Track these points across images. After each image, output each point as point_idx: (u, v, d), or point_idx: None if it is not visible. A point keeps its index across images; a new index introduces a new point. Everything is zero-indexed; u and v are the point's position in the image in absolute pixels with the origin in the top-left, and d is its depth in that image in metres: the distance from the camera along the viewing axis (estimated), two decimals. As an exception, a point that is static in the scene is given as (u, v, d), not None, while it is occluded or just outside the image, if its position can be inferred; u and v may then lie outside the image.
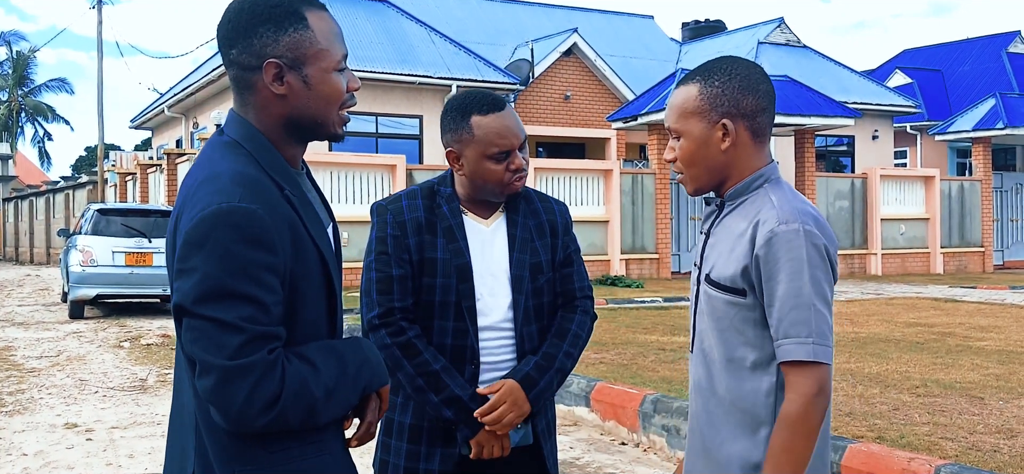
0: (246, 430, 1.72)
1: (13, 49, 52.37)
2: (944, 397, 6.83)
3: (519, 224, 2.65)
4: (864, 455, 4.92)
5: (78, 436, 6.78)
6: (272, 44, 1.81)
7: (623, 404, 6.53)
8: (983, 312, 13.42)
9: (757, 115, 2.14)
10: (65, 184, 38.20)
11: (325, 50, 1.85)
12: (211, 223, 1.69)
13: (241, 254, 1.69)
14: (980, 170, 25.04)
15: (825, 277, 2.01)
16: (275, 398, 1.70)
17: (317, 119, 1.87)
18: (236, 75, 1.85)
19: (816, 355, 1.98)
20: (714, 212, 2.22)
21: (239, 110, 1.88)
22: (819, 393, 1.98)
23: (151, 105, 31.17)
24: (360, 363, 1.90)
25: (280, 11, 1.81)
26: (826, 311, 2.01)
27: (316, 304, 1.87)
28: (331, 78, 1.86)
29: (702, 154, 2.15)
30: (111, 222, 15.13)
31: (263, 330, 1.70)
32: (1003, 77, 34.07)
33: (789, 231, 2.00)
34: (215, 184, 1.75)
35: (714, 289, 2.13)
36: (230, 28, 1.83)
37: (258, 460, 1.78)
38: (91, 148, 71.94)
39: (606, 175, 20.45)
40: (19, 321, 14.72)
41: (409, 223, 2.58)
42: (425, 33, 24.58)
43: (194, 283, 1.69)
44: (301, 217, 1.84)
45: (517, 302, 2.59)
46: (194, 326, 1.70)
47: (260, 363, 1.68)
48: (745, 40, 29.90)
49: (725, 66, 2.16)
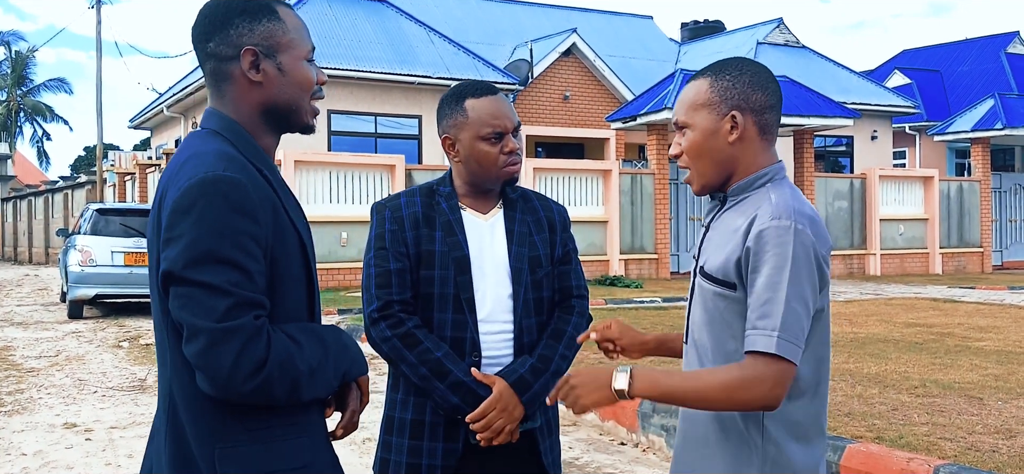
0: (232, 396, 1.75)
1: (12, 49, 52.37)
2: (943, 397, 6.84)
3: (517, 219, 2.68)
4: (863, 455, 4.93)
5: (77, 436, 6.78)
6: (248, 34, 1.92)
7: (622, 404, 6.52)
8: (982, 312, 13.43)
9: (765, 111, 2.16)
10: (64, 184, 38.20)
11: (296, 40, 1.98)
12: (198, 191, 1.77)
13: (227, 220, 1.76)
14: (979, 170, 25.06)
15: (808, 278, 1.99)
16: (261, 363, 1.74)
17: (291, 105, 1.98)
18: (214, 68, 1.95)
19: (779, 349, 1.95)
20: (716, 206, 2.24)
21: (216, 104, 1.96)
22: (766, 382, 1.95)
23: (150, 105, 31.14)
24: (340, 347, 1.97)
25: (253, 5, 1.95)
26: (802, 311, 1.98)
27: (296, 287, 1.93)
28: (303, 66, 1.98)
29: (709, 146, 2.16)
30: (110, 222, 15.13)
31: (250, 296, 1.76)
32: (1002, 77, 34.10)
33: (780, 227, 2.00)
34: (200, 160, 1.83)
35: (707, 281, 2.14)
36: (207, 24, 1.94)
37: (238, 439, 1.81)
38: (90, 148, 71.91)
39: (605, 175, 20.45)
40: (18, 321, 14.71)
41: (407, 218, 2.61)
42: (424, 33, 24.59)
43: (182, 249, 1.75)
44: (281, 199, 1.92)
45: (517, 294, 2.60)
46: (182, 292, 1.75)
47: (247, 327, 1.74)
48: (744, 40, 29.92)
49: (735, 63, 2.20)
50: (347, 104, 22.17)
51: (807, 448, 2.10)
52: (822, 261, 2.03)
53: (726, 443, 2.12)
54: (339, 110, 22.08)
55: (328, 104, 21.72)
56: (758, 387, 1.96)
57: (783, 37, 29.88)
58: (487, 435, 2.53)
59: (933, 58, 38.65)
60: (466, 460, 2.58)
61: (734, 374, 1.99)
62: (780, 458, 2.07)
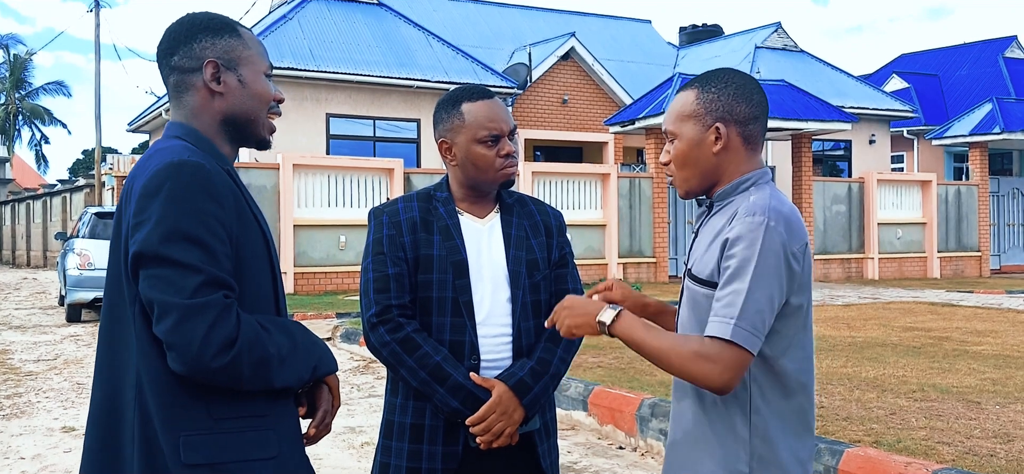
0: (202, 373, 1.78)
1: (10, 52, 52.34)
2: (941, 401, 6.84)
3: (514, 223, 2.70)
4: (861, 459, 4.93)
5: (76, 440, 6.77)
6: (210, 47, 2.04)
7: (621, 408, 6.54)
8: (980, 317, 13.44)
9: (749, 122, 2.24)
10: (62, 187, 38.16)
11: (255, 55, 2.10)
12: (165, 175, 1.85)
13: (194, 201, 1.83)
14: (977, 175, 25.09)
15: (775, 272, 2.06)
16: (231, 340, 1.79)
17: (250, 116, 2.08)
18: (177, 80, 2.06)
19: (734, 335, 2.02)
20: (704, 212, 2.32)
21: (177, 115, 2.06)
22: (719, 364, 2.02)
23: (148, 108, 31.10)
24: (309, 341, 2.03)
25: (216, 23, 2.08)
26: (765, 304, 2.04)
27: (261, 277, 1.99)
28: (262, 80, 2.10)
29: (694, 155, 2.24)
30: (108, 225, 15.13)
31: (218, 274, 1.81)
32: (1000, 82, 34.14)
33: (752, 223, 2.08)
34: (164, 151, 1.93)
35: (694, 283, 2.22)
36: (172, 39, 2.06)
37: (204, 426, 1.84)
38: (88, 151, 71.89)
39: (603, 179, 20.47)
40: (16, 324, 14.70)
41: (405, 223, 2.63)
42: (423, 37, 24.60)
43: (150, 229, 1.81)
44: (243, 194, 2.00)
45: (515, 297, 2.62)
46: (152, 273, 1.80)
47: (217, 304, 1.79)
48: (742, 44, 29.94)
49: (722, 75, 2.27)
50: (345, 108, 22.17)
51: (796, 443, 2.17)
52: (792, 258, 2.09)
53: (715, 440, 2.17)
54: (337, 114, 22.08)
55: (327, 108, 21.73)
56: (711, 366, 2.03)
57: (781, 41, 29.90)
58: (487, 438, 2.54)
59: (931, 62, 38.68)
60: (466, 463, 2.59)
61: (694, 347, 2.06)
62: (768, 454, 2.13)
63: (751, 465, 2.13)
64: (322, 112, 21.68)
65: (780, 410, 2.15)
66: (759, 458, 2.13)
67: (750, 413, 2.14)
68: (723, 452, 2.15)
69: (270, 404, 1.91)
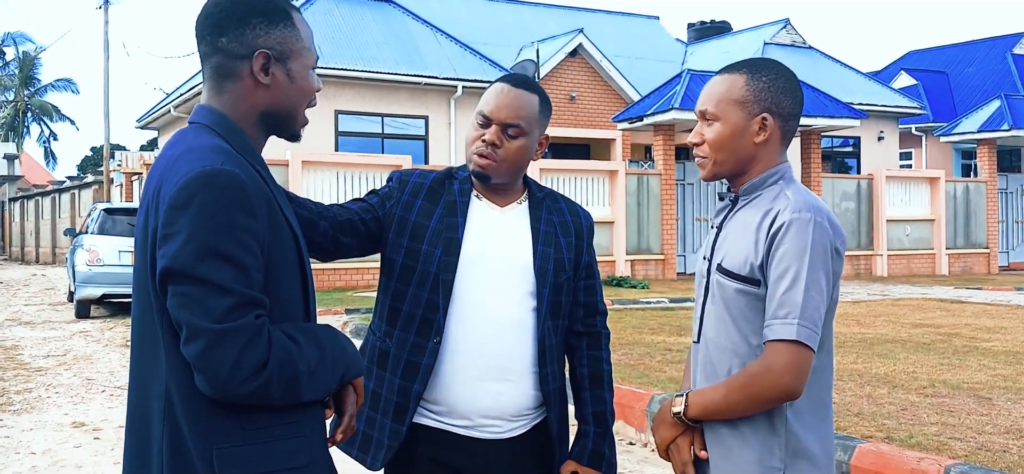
0: (231, 397, 1.72)
1: (19, 49, 52.52)
2: (952, 397, 6.82)
3: (543, 218, 2.56)
4: (874, 455, 4.92)
5: (85, 435, 6.79)
6: (264, 36, 1.90)
7: (631, 404, 6.53)
8: (989, 313, 13.40)
9: (790, 118, 2.25)
10: (71, 184, 38.28)
11: (307, 49, 1.97)
12: (196, 185, 1.73)
13: (226, 215, 1.73)
14: (985, 172, 24.99)
15: (825, 269, 2.08)
16: (262, 365, 1.71)
17: (291, 112, 1.97)
18: (220, 63, 1.90)
19: (799, 334, 2.02)
20: (727, 206, 2.30)
21: (212, 100, 1.93)
22: (788, 370, 2.03)
23: (157, 105, 31.17)
24: (337, 349, 1.93)
25: (271, 7, 1.92)
26: (819, 300, 2.06)
27: (291, 283, 1.90)
28: (310, 75, 1.98)
29: (735, 142, 2.23)
30: (117, 222, 15.16)
31: (250, 294, 1.73)
32: (1008, 79, 34.01)
33: (801, 219, 2.08)
34: (195, 154, 1.80)
35: (726, 278, 2.19)
36: (222, 16, 1.90)
37: (236, 437, 1.78)
38: (97, 148, 72.10)
39: (611, 176, 20.44)
40: (26, 320, 14.74)
41: (411, 185, 2.53)
42: (431, 33, 24.59)
43: (180, 244, 1.71)
44: (274, 194, 1.89)
45: (541, 295, 2.48)
46: (181, 291, 1.71)
47: (248, 327, 1.70)
48: (751, 41, 29.88)
49: (772, 66, 2.26)
50: (354, 104, 22.17)
51: (820, 429, 2.18)
52: (837, 254, 2.12)
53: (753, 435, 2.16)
54: (346, 110, 22.08)
55: (335, 104, 21.73)
56: (779, 376, 2.03)
57: (790, 37, 29.84)
58: None
59: (939, 59, 38.56)
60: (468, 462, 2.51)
61: (752, 370, 2.06)
62: (799, 447, 2.14)
63: (785, 461, 2.13)
64: (331, 109, 21.67)
65: (808, 402, 2.16)
66: (792, 452, 2.14)
67: (785, 408, 2.14)
68: (760, 446, 2.15)
69: (300, 411, 1.86)
